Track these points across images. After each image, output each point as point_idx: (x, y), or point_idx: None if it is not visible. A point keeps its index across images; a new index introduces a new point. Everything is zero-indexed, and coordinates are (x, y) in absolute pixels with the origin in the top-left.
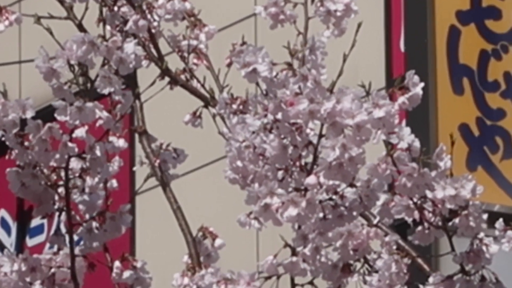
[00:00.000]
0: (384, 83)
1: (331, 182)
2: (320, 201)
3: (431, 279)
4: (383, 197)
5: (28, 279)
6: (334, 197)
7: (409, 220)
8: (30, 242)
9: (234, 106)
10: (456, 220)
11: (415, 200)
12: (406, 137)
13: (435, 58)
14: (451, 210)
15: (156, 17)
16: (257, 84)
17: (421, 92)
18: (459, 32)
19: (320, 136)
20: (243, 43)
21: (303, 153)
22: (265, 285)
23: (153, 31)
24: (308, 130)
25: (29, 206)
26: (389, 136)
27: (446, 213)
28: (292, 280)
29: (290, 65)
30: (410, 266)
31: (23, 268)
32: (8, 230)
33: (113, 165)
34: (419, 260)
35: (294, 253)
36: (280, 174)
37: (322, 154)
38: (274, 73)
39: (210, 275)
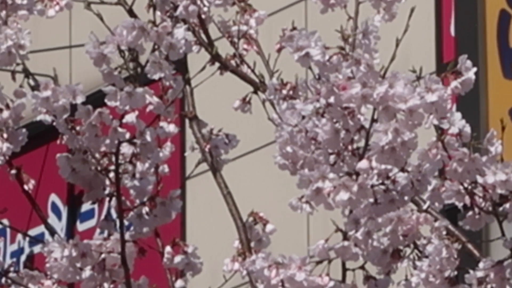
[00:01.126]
0: (434, 68)
1: (383, 167)
2: (372, 186)
3: (481, 264)
4: (433, 182)
5: (78, 265)
6: (385, 182)
7: (460, 205)
8: (81, 226)
9: (284, 92)
10: (507, 205)
11: (465, 185)
12: (457, 122)
13: (485, 43)
14: (501, 195)
15: (206, 3)
16: (310, 68)
17: (473, 77)
18: (510, 16)
19: (373, 120)
20: (293, 28)
21: (355, 138)
22: (316, 269)
23: (203, 16)
24: (360, 116)
25: (80, 191)
26: (441, 121)
27: (496, 198)
28: (344, 264)
29: (342, 49)
30: (460, 251)
31: (74, 254)
32: (58, 215)
33: (164, 150)
34: (470, 245)
35: (345, 237)
36: (332, 158)
37: (374, 138)
38: (326, 57)
39: (261, 259)
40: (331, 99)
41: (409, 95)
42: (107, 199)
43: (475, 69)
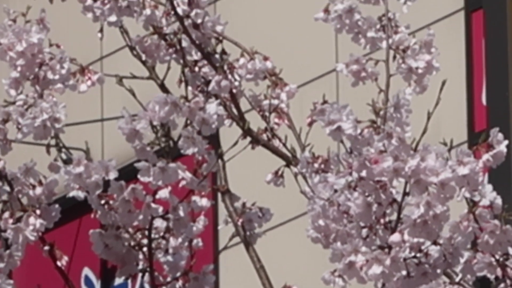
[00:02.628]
0: (466, 137)
1: (415, 240)
2: (404, 259)
3: None
4: (465, 254)
5: None
6: (418, 255)
7: (492, 277)
8: None
9: (316, 165)
10: None
11: (497, 257)
12: (488, 194)
13: None
14: None
15: (237, 77)
16: (342, 142)
17: (505, 150)
18: None
19: (405, 193)
20: (324, 101)
21: (388, 211)
22: None
23: (234, 91)
24: (392, 190)
25: (113, 264)
26: (472, 193)
27: None
28: None
29: (374, 122)
30: None
31: None
32: None
33: (197, 224)
34: None
35: None
36: (364, 232)
37: (406, 211)
38: (358, 131)
39: None
40: (363, 173)
41: (440, 168)
42: (140, 274)
43: (506, 142)
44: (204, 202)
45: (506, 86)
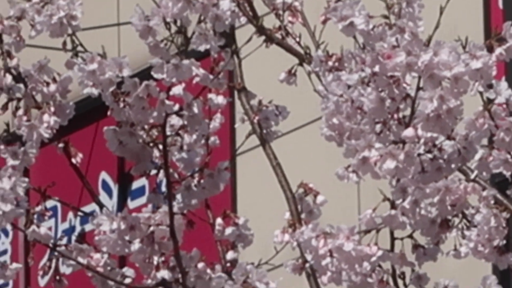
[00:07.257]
0: (482, 41)
1: (429, 135)
2: (419, 154)
3: None
4: (481, 152)
5: (127, 238)
6: (432, 150)
7: (508, 174)
8: (132, 204)
9: (330, 63)
10: None
11: None
12: (504, 92)
13: None
14: None
15: None
16: (355, 37)
17: None
18: None
19: (418, 88)
20: None
21: (401, 106)
22: (364, 239)
23: None
24: (405, 85)
25: (130, 168)
26: (487, 90)
27: None
28: (392, 233)
29: (387, 17)
30: (509, 220)
31: (122, 227)
32: (109, 193)
33: (214, 122)
34: None
35: (393, 206)
36: (378, 127)
37: (419, 106)
38: (371, 26)
39: (309, 229)
40: (376, 68)
41: (454, 63)
42: (156, 172)
43: None
44: (220, 99)
45: None
